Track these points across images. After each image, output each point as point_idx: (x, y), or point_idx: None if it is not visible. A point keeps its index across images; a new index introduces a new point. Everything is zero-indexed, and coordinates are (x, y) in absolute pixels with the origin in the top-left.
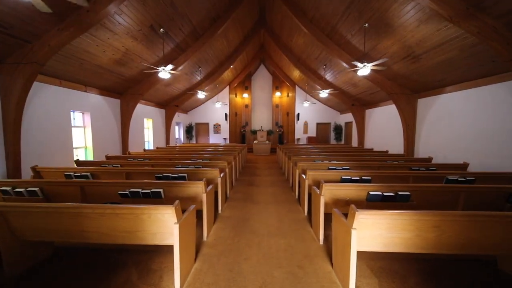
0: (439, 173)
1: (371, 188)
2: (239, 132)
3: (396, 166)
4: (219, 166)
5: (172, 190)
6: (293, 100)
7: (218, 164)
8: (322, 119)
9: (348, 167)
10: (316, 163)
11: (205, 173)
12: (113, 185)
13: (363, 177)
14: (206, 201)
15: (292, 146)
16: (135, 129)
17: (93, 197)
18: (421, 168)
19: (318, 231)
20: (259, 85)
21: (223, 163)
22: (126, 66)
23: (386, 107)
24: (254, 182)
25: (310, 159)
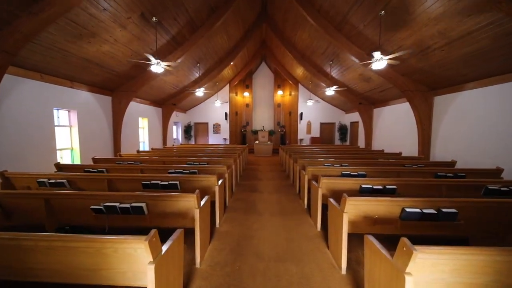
0: (474, 182)
1: (406, 203)
2: (240, 132)
3: (417, 171)
4: (218, 171)
5: (157, 205)
6: (296, 99)
7: (217, 169)
8: (326, 119)
9: (364, 173)
10: (326, 167)
11: (200, 181)
12: (84, 197)
13: (386, 185)
14: (200, 218)
15: (296, 147)
16: (129, 129)
17: (62, 213)
18: (448, 174)
19: (339, 255)
20: (260, 83)
21: (222, 168)
22: (115, 60)
23: (397, 106)
24: (256, 188)
25: (318, 162)
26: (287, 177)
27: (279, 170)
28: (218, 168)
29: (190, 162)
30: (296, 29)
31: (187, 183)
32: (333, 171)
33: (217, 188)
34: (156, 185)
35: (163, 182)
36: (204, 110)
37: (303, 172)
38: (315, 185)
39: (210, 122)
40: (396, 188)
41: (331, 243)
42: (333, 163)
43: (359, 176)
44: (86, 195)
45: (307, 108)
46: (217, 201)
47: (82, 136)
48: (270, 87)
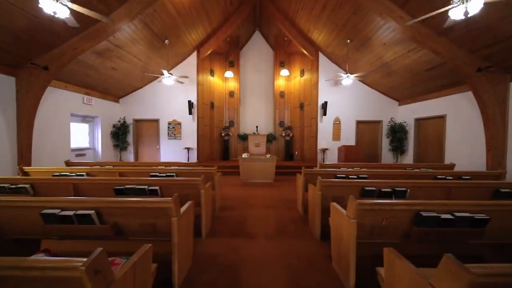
0: None
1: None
2: (218, 138)
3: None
4: None
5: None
6: (315, 80)
7: None
8: (366, 115)
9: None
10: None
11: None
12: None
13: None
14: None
15: (341, 182)
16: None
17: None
18: None
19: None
20: (252, 61)
21: None
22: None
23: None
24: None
25: None
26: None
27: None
28: None
29: None
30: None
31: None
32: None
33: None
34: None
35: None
36: (151, 97)
37: None
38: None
39: (162, 119)
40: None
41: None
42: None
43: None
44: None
45: (334, 94)
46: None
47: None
48: (268, 67)
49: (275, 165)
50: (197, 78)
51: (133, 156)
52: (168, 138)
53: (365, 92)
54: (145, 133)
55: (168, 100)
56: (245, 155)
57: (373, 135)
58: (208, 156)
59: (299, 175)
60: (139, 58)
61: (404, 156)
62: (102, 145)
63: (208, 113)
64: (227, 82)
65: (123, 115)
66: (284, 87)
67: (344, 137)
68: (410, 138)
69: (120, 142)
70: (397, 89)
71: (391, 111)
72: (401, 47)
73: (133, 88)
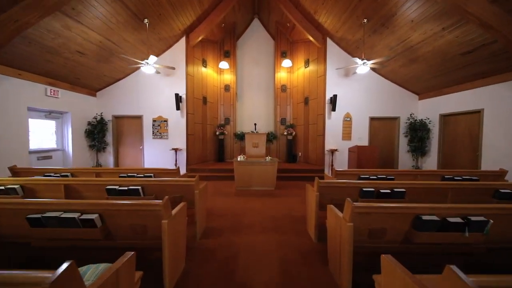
0: None
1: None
2: (212, 137)
3: None
4: None
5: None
6: (322, 70)
7: None
8: (381, 110)
9: None
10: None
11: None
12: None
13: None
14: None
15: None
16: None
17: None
18: None
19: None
20: (251, 53)
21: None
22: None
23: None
24: None
25: None
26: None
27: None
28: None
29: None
30: None
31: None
32: None
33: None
34: None
35: None
36: (133, 90)
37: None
38: None
39: (146, 116)
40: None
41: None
42: None
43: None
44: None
45: (344, 87)
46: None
47: None
48: (268, 58)
49: (276, 170)
50: (187, 69)
51: (112, 158)
52: (153, 137)
53: (379, 84)
54: (127, 131)
55: (153, 94)
56: (241, 158)
57: (388, 134)
58: (199, 158)
59: (310, 187)
60: (113, 41)
61: (426, 158)
62: (74, 146)
63: (200, 109)
64: (222, 75)
65: (100, 111)
66: (286, 80)
67: (356, 136)
68: (434, 137)
69: (96, 142)
70: (419, 80)
71: (410, 106)
72: (433, 25)
73: (112, 80)
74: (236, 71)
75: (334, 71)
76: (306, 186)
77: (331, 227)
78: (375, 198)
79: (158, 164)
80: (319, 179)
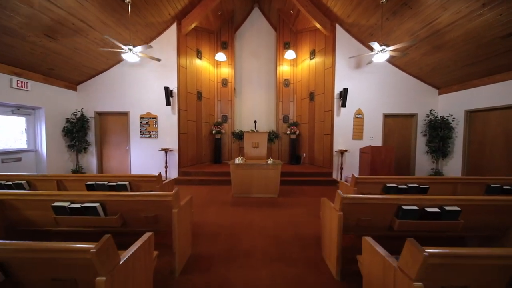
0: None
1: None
2: (208, 136)
3: None
4: None
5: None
6: (330, 62)
7: None
8: (396, 106)
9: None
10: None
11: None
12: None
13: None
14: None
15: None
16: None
17: None
18: None
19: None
20: (250, 46)
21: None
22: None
23: None
24: None
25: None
26: None
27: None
28: None
29: None
30: None
31: None
32: None
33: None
34: None
35: None
36: (118, 83)
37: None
38: None
39: (133, 112)
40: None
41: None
42: None
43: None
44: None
45: (355, 81)
46: None
47: None
48: (269, 51)
49: (280, 174)
50: (178, 59)
51: (95, 160)
52: (140, 136)
53: (395, 77)
54: (111, 130)
55: (141, 88)
56: (239, 160)
57: (404, 133)
58: (193, 159)
59: (328, 203)
60: (88, 23)
61: (447, 160)
62: (49, 147)
63: (194, 105)
64: (219, 68)
65: (81, 106)
66: (289, 74)
67: (368, 135)
68: (458, 137)
69: (76, 141)
70: (442, 71)
71: (429, 101)
72: (469, 1)
73: (94, 72)
74: (235, 64)
75: (343, 63)
76: (322, 201)
77: (373, 274)
78: (418, 219)
79: (147, 166)
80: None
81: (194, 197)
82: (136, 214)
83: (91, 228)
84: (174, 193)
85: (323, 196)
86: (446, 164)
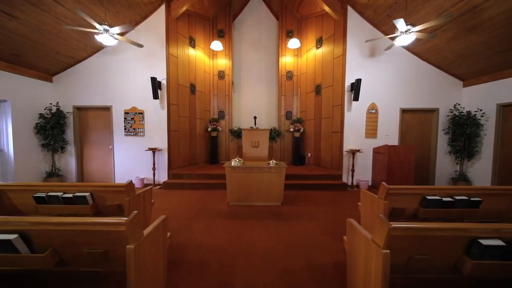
0: None
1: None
2: (203, 133)
3: None
4: None
5: None
6: (340, 50)
7: None
8: (414, 100)
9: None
10: None
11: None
12: None
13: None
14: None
15: None
16: None
17: None
18: None
19: None
20: (250, 36)
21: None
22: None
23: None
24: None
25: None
26: None
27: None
28: None
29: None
30: None
31: None
32: None
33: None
34: None
35: None
36: (99, 74)
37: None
38: None
39: (116, 107)
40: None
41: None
42: None
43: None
44: None
45: (368, 71)
46: None
47: None
48: (271, 42)
49: (284, 178)
50: (168, 47)
51: (75, 160)
52: (125, 134)
53: (414, 66)
54: (93, 126)
55: (125, 79)
56: (236, 162)
57: (423, 130)
58: (186, 160)
59: (357, 228)
60: (58, 0)
61: (473, 162)
62: (17, 146)
63: (186, 99)
64: (215, 59)
65: (58, 100)
66: (292, 66)
67: (383, 133)
68: (488, 135)
69: (51, 140)
70: (472, 58)
71: (452, 94)
72: None
73: (72, 60)
74: (233, 55)
75: (355, 51)
76: (349, 226)
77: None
78: (502, 258)
79: (133, 168)
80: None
81: (183, 205)
82: (77, 250)
83: (10, 269)
84: (129, 220)
85: (334, 203)
86: (472, 166)
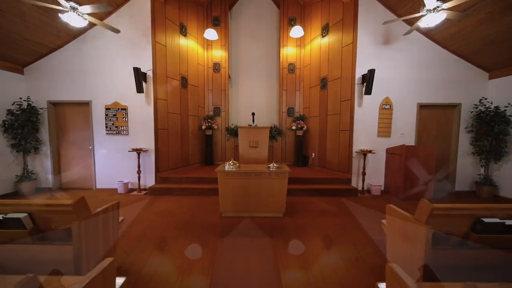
0: None
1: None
2: (196, 131)
3: None
4: None
5: None
6: (350, 38)
7: None
8: (433, 94)
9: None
10: None
11: None
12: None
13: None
14: None
15: None
16: None
17: None
18: None
19: None
20: (248, 26)
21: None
22: None
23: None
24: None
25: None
26: None
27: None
28: None
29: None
30: None
31: None
32: None
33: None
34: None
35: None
36: (77, 65)
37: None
38: None
39: (96, 102)
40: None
41: None
42: None
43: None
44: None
45: (381, 61)
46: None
47: None
48: (270, 32)
49: (286, 185)
50: (154, 34)
51: (50, 162)
52: (106, 132)
53: (433, 55)
54: (70, 124)
55: (107, 71)
56: (230, 166)
57: (443, 129)
58: (177, 161)
59: None
60: None
61: (502, 164)
62: None
63: (177, 93)
64: (209, 50)
65: (29, 94)
66: (294, 58)
67: (397, 132)
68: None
69: (22, 140)
70: (505, 44)
71: (476, 87)
72: None
73: (45, 49)
74: (229, 46)
75: (367, 39)
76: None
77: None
78: None
79: (115, 172)
80: None
81: (165, 217)
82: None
83: None
84: None
85: (345, 214)
86: (499, 169)
